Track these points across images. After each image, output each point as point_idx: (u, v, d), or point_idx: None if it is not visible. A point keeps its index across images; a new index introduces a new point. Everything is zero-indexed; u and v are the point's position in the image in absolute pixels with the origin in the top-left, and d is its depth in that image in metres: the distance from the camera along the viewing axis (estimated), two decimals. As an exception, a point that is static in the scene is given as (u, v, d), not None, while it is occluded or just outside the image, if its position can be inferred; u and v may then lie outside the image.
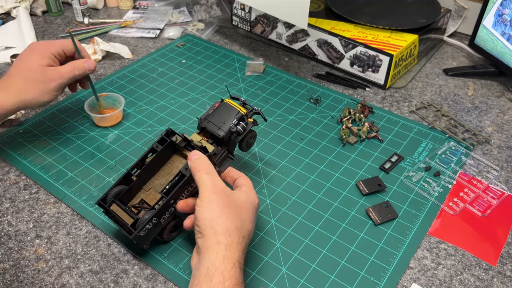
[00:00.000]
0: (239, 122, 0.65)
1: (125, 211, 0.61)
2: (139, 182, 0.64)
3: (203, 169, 0.57)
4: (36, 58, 0.74)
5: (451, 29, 1.17)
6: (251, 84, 0.98)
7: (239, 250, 0.53)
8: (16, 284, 0.59)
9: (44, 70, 0.73)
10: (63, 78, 0.75)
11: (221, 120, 0.65)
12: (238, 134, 0.65)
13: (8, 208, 0.69)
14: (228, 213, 0.53)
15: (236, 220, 0.54)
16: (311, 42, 1.04)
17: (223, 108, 0.66)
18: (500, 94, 0.98)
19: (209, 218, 0.53)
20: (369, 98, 0.96)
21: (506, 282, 0.61)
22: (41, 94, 0.73)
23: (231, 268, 0.50)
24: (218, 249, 0.51)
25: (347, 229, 0.67)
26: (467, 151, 0.81)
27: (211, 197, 0.54)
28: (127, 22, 1.21)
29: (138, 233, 0.58)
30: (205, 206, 0.54)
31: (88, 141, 0.82)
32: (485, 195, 0.73)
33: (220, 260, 0.50)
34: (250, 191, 0.60)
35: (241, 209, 0.56)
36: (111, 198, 0.62)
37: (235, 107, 0.66)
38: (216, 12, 1.27)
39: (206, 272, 0.50)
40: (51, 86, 0.74)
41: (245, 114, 0.66)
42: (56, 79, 0.74)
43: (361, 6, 1.08)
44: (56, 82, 0.74)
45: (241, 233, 0.54)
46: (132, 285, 0.59)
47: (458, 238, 0.67)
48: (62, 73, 0.75)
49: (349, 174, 0.76)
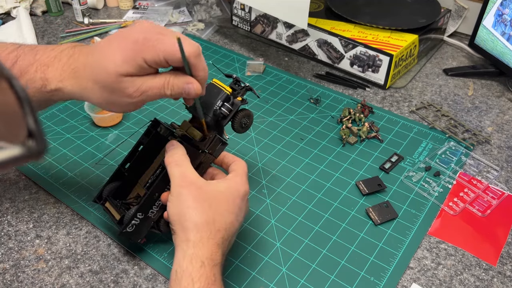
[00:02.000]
0: (223, 104, 0.59)
1: (116, 207, 0.60)
2: (132, 176, 0.62)
3: (173, 162, 0.53)
4: (118, 58, 0.48)
5: (451, 29, 1.17)
6: (251, 84, 0.98)
7: (212, 245, 0.49)
8: (16, 284, 0.59)
9: (120, 80, 0.49)
10: (145, 95, 0.50)
11: (207, 104, 0.59)
12: (223, 117, 0.59)
13: (8, 208, 0.69)
14: (196, 206, 0.50)
15: (208, 213, 0.50)
16: (311, 42, 1.04)
17: (208, 90, 0.60)
18: (500, 94, 0.98)
19: (177, 213, 0.50)
20: (369, 98, 0.96)
21: (506, 282, 0.61)
22: (108, 104, 0.52)
23: (200, 267, 0.47)
24: (186, 247, 0.48)
25: (347, 229, 0.67)
26: (467, 151, 0.81)
27: (178, 191, 0.51)
28: (127, 22, 1.21)
29: (125, 229, 0.57)
30: (173, 200, 0.51)
31: (88, 141, 0.82)
32: (485, 195, 0.73)
33: (187, 261, 0.48)
34: (236, 177, 0.55)
35: (216, 201, 0.52)
36: (105, 194, 0.62)
37: (220, 87, 0.60)
38: (216, 12, 1.27)
39: (175, 275, 0.47)
40: (124, 102, 0.51)
41: (231, 93, 0.60)
42: (134, 95, 0.50)
43: (361, 6, 1.08)
44: (132, 100, 0.50)
45: (213, 227, 0.50)
46: (132, 285, 0.59)
47: (458, 238, 0.67)
48: (144, 89, 0.50)
49: (349, 174, 0.76)
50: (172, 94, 0.51)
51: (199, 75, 0.52)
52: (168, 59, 0.49)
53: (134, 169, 0.62)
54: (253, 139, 0.84)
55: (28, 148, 0.22)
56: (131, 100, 0.50)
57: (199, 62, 0.51)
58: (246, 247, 0.64)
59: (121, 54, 0.48)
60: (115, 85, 0.49)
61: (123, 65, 0.48)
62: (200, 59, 0.51)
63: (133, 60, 0.48)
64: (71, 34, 1.16)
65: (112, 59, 0.48)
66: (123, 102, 0.51)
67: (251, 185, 0.74)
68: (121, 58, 0.48)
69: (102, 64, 0.49)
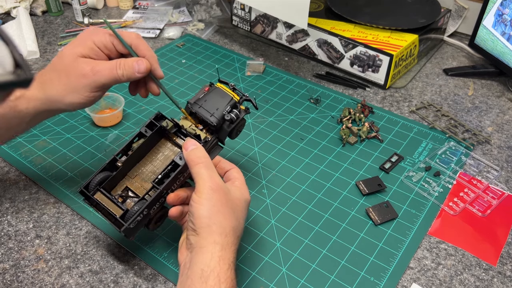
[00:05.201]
0: (232, 110, 0.61)
1: (112, 200, 0.57)
2: (124, 168, 0.60)
3: (201, 163, 0.53)
4: (73, 45, 0.57)
5: (451, 29, 1.17)
6: (251, 84, 0.98)
7: (234, 251, 0.51)
8: (16, 284, 0.59)
9: (75, 61, 0.56)
10: (99, 75, 0.55)
11: (214, 106, 0.60)
12: (231, 122, 0.61)
13: (8, 208, 0.69)
14: (225, 212, 0.52)
15: (233, 220, 0.52)
16: (311, 42, 1.04)
17: (215, 93, 0.62)
18: (500, 94, 0.98)
19: (207, 216, 0.51)
20: (369, 98, 0.96)
21: (506, 282, 0.61)
22: (67, 91, 0.56)
23: (227, 269, 0.49)
24: (213, 249, 0.49)
25: (347, 229, 0.67)
26: (467, 151, 0.81)
27: (209, 194, 0.51)
28: (127, 22, 1.21)
29: (129, 226, 0.54)
30: (203, 203, 0.51)
31: (88, 141, 0.82)
32: (485, 195, 0.73)
33: (215, 261, 0.49)
34: (243, 186, 0.58)
35: (237, 208, 0.54)
36: (94, 185, 0.58)
37: (228, 93, 0.62)
38: (216, 12, 1.27)
39: (201, 273, 0.48)
40: (80, 83, 0.55)
41: (238, 101, 0.62)
42: (89, 75, 0.55)
43: (361, 6, 1.08)
44: (87, 80, 0.55)
45: (236, 233, 0.52)
46: (132, 285, 0.59)
47: (458, 238, 0.67)
48: (98, 69, 0.55)
49: (349, 174, 0.76)
50: (124, 73, 0.57)
51: (146, 54, 0.58)
52: (114, 41, 0.57)
53: (127, 161, 0.60)
54: (253, 139, 0.84)
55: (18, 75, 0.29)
56: (86, 80, 0.55)
57: (141, 42, 0.58)
58: (246, 247, 0.64)
59: (75, 41, 0.58)
60: (72, 66, 0.56)
61: (77, 47, 0.56)
62: (141, 40, 0.58)
63: (84, 43, 0.57)
64: (71, 34, 1.16)
65: (68, 47, 0.57)
66: (80, 84, 0.56)
67: (251, 185, 0.74)
68: (75, 43, 0.57)
69: (59, 54, 0.57)
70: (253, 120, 0.88)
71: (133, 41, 0.58)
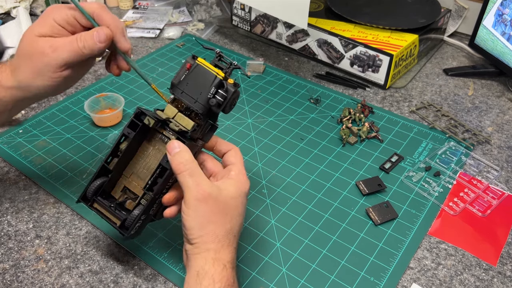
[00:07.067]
0: (217, 91, 0.55)
1: (109, 209, 0.57)
2: (117, 170, 0.59)
3: (185, 171, 0.51)
4: (32, 25, 0.54)
5: (451, 29, 1.17)
6: (251, 84, 0.98)
7: (231, 251, 0.51)
8: (16, 284, 0.59)
9: (35, 41, 0.53)
10: (59, 51, 0.52)
11: (197, 91, 0.55)
12: (218, 105, 0.55)
13: (8, 208, 0.69)
14: (216, 220, 0.50)
15: (226, 224, 0.51)
16: (311, 42, 1.04)
17: (197, 73, 0.55)
18: (500, 94, 0.98)
19: (197, 227, 0.50)
20: (369, 98, 0.96)
21: (506, 282, 0.61)
22: (33, 75, 0.54)
23: (222, 270, 0.49)
24: (207, 255, 0.50)
25: (347, 229, 0.67)
26: (467, 151, 0.81)
27: (196, 205, 0.50)
28: (127, 22, 1.21)
29: (130, 233, 0.55)
30: (191, 214, 0.50)
31: (88, 141, 0.82)
32: (485, 195, 0.73)
33: (210, 264, 0.49)
34: (239, 175, 0.55)
35: (232, 208, 0.52)
36: (91, 194, 0.57)
37: (210, 70, 0.55)
38: (216, 12, 1.27)
39: (196, 275, 0.49)
40: (42, 64, 0.53)
41: (224, 77, 0.56)
42: (48, 53, 0.52)
43: (361, 6, 1.08)
44: (48, 58, 0.52)
45: (231, 234, 0.52)
46: (132, 285, 0.59)
47: (458, 238, 0.67)
48: (57, 45, 0.52)
49: (349, 174, 0.76)
50: (85, 45, 0.53)
51: (110, 23, 0.55)
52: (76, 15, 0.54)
53: (118, 163, 0.58)
54: (253, 139, 0.84)
55: None
56: (47, 59, 0.52)
57: (104, 12, 0.55)
58: (246, 247, 0.64)
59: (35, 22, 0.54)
60: (32, 47, 0.53)
61: (35, 27, 0.53)
62: (104, 10, 0.55)
63: (44, 21, 0.53)
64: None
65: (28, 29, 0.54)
66: (42, 64, 0.53)
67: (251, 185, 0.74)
68: (35, 23, 0.54)
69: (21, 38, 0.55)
70: (253, 120, 0.88)
71: (95, 11, 0.54)
